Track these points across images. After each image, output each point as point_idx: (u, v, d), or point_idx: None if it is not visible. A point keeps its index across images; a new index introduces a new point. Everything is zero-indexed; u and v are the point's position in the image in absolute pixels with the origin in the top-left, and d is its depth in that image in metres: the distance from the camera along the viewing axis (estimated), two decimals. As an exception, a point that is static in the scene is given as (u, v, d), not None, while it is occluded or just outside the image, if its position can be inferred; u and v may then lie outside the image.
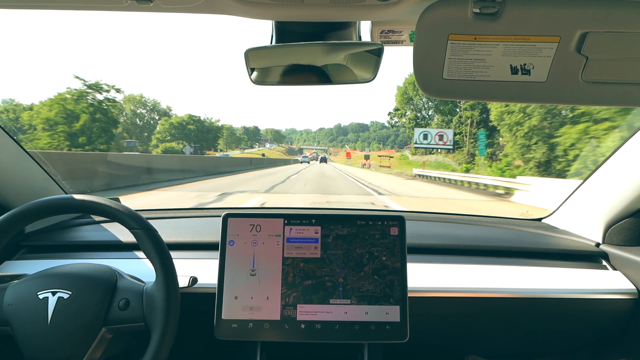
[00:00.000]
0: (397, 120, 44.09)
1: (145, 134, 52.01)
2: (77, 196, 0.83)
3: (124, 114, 46.13)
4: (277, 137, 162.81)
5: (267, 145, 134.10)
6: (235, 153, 74.33)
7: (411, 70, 0.65)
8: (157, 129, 50.94)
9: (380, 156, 50.20)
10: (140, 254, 1.09)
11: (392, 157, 48.11)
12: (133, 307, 0.79)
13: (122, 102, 46.37)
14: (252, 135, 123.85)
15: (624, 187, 1.08)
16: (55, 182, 1.28)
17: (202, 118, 56.19)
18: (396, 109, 42.52)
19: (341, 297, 0.91)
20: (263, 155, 70.14)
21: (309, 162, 55.18)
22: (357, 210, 2.08)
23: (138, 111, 51.55)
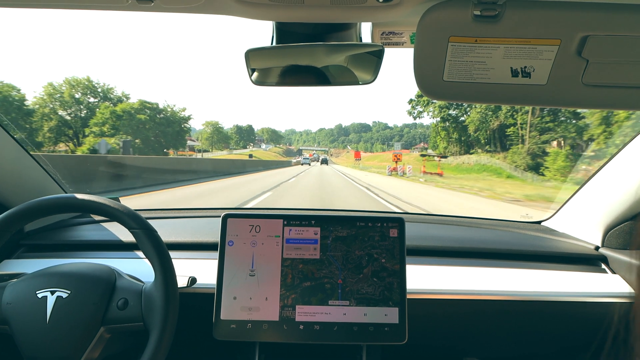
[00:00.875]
0: (421, 109, 35.89)
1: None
2: (77, 195, 0.83)
3: (69, 104, 34.12)
4: (275, 137, 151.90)
5: (263, 146, 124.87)
6: (222, 154, 67.81)
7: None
8: (94, 119, 34.41)
9: (425, 156, 34.19)
10: (140, 253, 1.09)
11: (445, 157, 31.58)
12: (132, 306, 0.79)
13: (61, 85, 34.74)
14: (246, 135, 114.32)
15: (624, 190, 1.08)
16: (55, 181, 1.28)
17: (160, 106, 40.90)
18: (419, 95, 33.75)
19: (340, 298, 0.91)
20: (250, 156, 62.90)
21: (309, 164, 52.63)
22: (357, 211, 2.07)
23: (84, 98, 36.73)
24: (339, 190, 12.55)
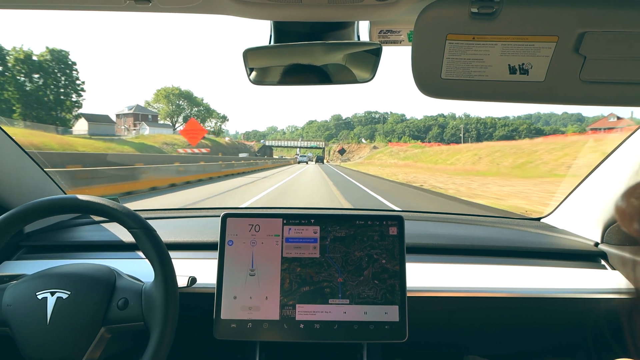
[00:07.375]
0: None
1: None
2: (76, 196, 0.83)
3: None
4: (202, 112, 57.50)
5: (146, 129, 48.96)
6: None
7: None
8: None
9: None
10: (139, 254, 1.09)
11: None
12: (132, 306, 0.79)
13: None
14: (56, 96, 33.65)
15: (623, 186, 1.08)
16: (53, 182, 1.28)
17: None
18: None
19: (340, 297, 0.91)
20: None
21: (307, 162, 45.44)
22: (356, 210, 2.08)
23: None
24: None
